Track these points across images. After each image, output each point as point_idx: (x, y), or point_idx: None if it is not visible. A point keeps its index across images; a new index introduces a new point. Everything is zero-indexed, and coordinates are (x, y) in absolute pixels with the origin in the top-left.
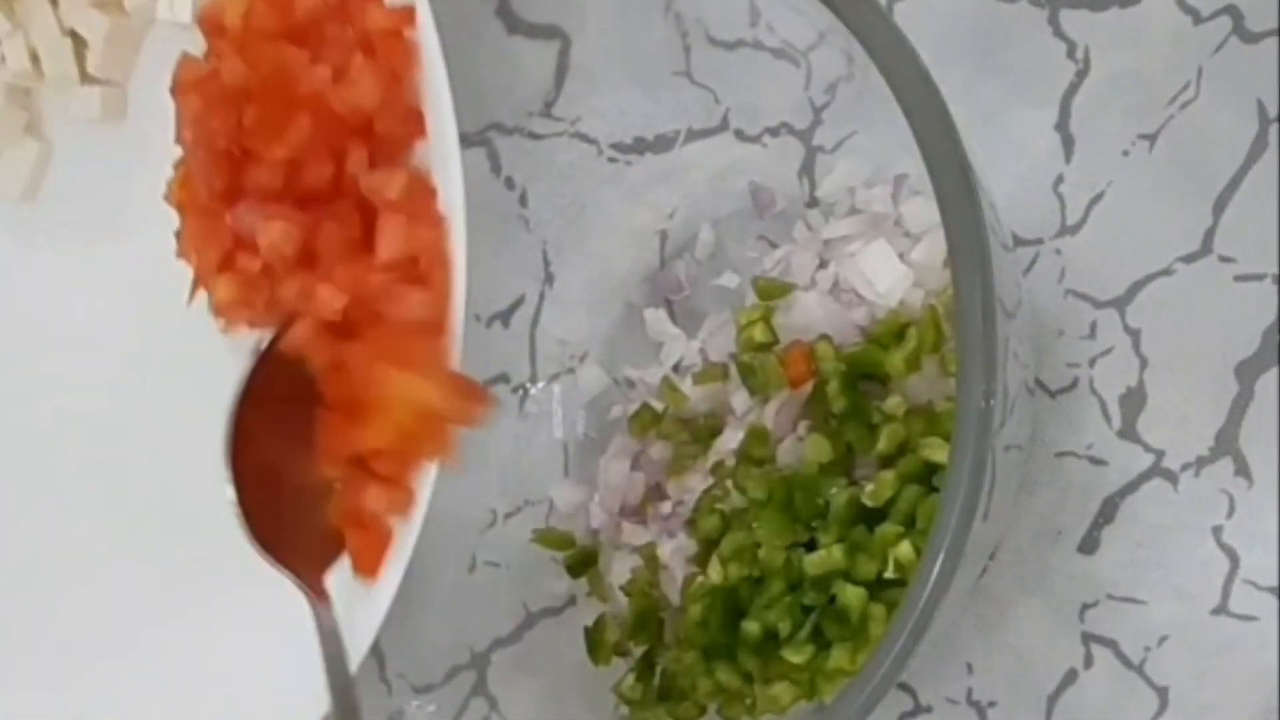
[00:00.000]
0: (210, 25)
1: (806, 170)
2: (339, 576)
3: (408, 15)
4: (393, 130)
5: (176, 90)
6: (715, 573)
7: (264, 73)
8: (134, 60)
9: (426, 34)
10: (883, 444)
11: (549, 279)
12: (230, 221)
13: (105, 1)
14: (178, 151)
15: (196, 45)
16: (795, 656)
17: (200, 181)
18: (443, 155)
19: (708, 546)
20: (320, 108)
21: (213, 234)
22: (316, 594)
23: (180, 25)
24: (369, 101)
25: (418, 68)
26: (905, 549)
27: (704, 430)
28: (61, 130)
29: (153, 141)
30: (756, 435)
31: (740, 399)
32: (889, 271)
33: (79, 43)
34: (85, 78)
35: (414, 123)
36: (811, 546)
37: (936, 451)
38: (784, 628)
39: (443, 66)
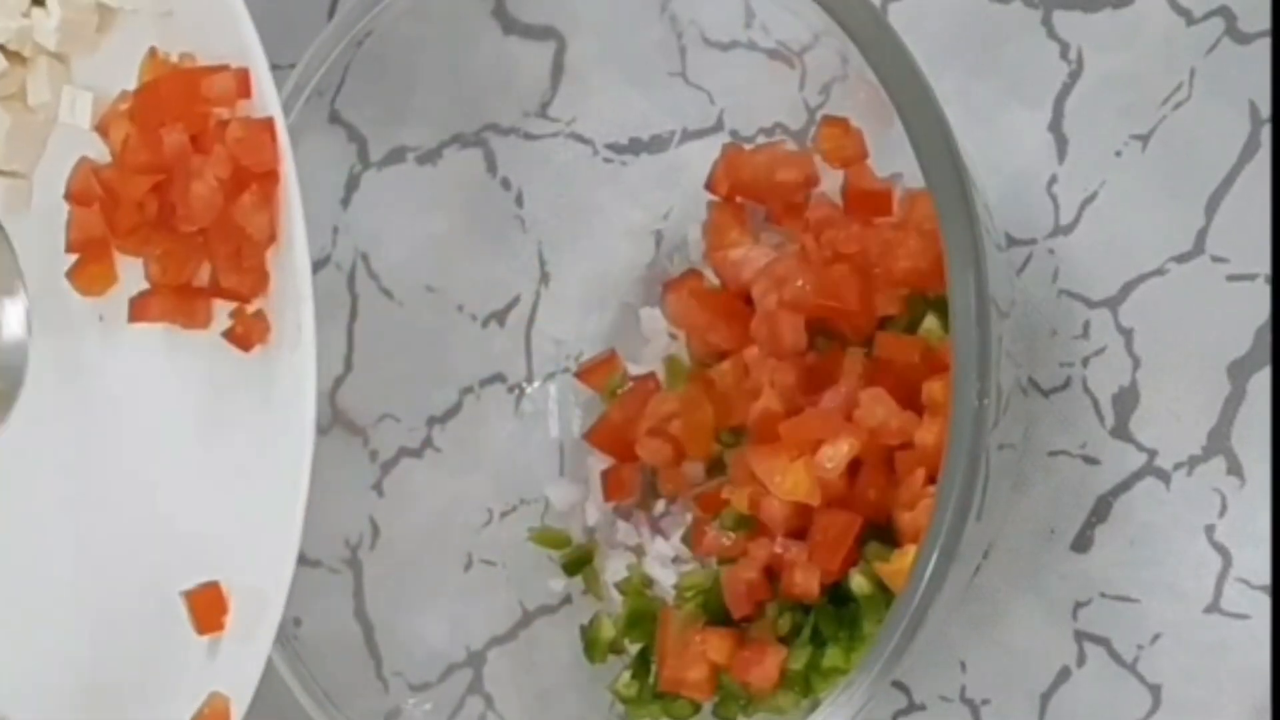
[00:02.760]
0: (103, 135)
1: None
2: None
3: (267, 124)
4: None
5: (70, 197)
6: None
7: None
8: (39, 154)
9: (281, 132)
10: None
11: (545, 279)
12: None
13: (9, 96)
14: None
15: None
16: (796, 663)
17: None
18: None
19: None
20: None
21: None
22: None
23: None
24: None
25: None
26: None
27: None
28: None
29: (58, 232)
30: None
31: None
32: None
33: None
34: None
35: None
36: None
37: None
38: (783, 625)
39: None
